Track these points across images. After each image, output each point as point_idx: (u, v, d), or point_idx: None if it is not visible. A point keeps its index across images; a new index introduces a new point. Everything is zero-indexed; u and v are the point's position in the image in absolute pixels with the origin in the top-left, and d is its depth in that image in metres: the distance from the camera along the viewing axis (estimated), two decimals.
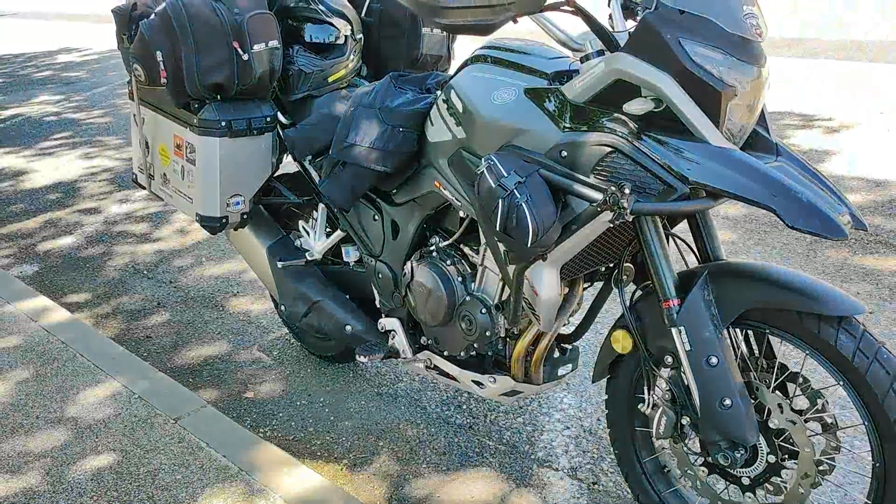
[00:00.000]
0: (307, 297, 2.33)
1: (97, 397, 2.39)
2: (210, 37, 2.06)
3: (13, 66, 10.39)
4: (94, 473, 2.04)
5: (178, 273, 3.55)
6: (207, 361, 2.78)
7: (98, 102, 7.56)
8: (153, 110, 2.33)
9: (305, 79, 2.25)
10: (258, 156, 2.27)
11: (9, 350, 2.71)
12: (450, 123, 1.81)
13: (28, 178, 5.28)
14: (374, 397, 2.51)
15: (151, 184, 2.47)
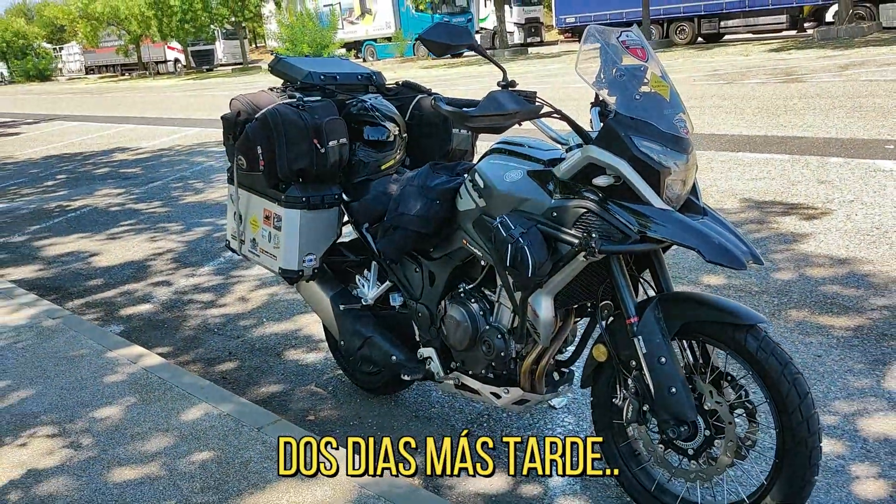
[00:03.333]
0: (362, 334, 2.98)
1: (194, 415, 3.02)
2: (297, 135, 2.80)
3: (74, 164, 11.43)
4: (200, 464, 2.66)
5: (244, 330, 4.22)
6: (274, 395, 3.40)
7: (155, 195, 8.43)
8: (248, 191, 3.06)
9: (364, 167, 2.98)
10: (328, 224, 2.97)
11: (117, 384, 3.36)
12: (474, 196, 2.50)
13: (102, 257, 6.05)
14: (412, 418, 3.11)
15: (241, 247, 3.17)
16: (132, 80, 41.76)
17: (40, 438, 2.93)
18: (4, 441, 2.93)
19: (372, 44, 33.51)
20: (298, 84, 3.05)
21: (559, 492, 2.55)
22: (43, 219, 7.77)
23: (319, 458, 2.58)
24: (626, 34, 2.27)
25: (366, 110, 3.00)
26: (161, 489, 2.53)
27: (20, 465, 2.75)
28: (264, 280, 5.04)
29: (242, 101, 3.00)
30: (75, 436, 2.93)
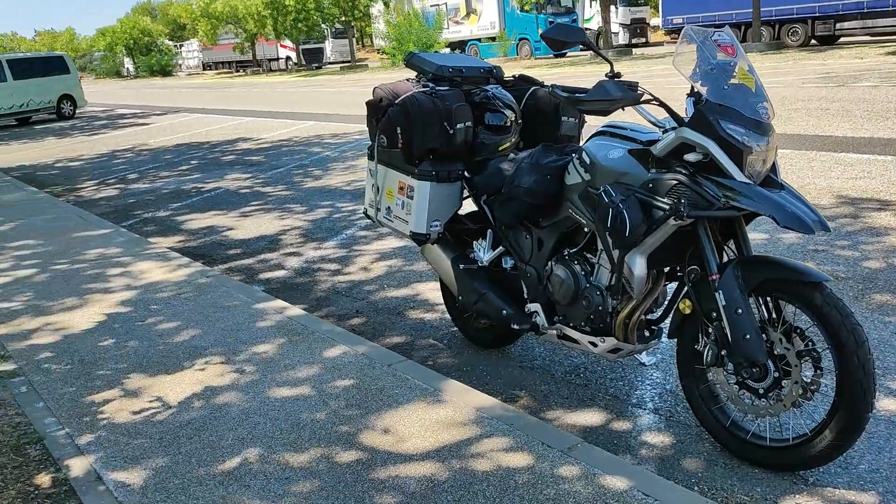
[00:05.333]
0: (477, 291, 3.46)
1: (333, 353, 3.58)
2: (430, 119, 3.31)
3: (203, 151, 12.44)
4: (343, 388, 3.21)
5: (367, 293, 4.79)
6: (398, 344, 3.93)
7: (279, 180, 9.20)
8: (386, 166, 3.59)
9: (484, 148, 3.46)
10: (452, 196, 3.48)
11: (267, 328, 3.97)
12: (580, 171, 2.94)
13: (237, 231, 6.79)
14: (516, 367, 3.58)
15: (377, 214, 3.72)
16: (247, 77, 43.88)
17: (212, 365, 3.56)
18: (185, 366, 3.57)
19: (476, 43, 34.08)
20: (430, 75, 3.56)
21: (646, 428, 2.96)
22: (182, 198, 8.65)
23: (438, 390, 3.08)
24: (718, 34, 2.67)
25: (488, 99, 3.48)
26: (313, 404, 3.10)
27: (199, 382, 3.38)
28: (383, 253, 5.61)
29: (384, 89, 3.54)
30: (239, 364, 3.55)
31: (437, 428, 2.84)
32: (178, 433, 2.94)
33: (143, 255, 5.68)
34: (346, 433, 2.85)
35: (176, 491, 2.55)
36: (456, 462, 2.60)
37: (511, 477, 2.49)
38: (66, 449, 2.88)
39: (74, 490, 2.61)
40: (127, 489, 2.58)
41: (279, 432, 2.89)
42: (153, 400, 3.24)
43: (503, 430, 2.79)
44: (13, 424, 3.13)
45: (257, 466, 2.67)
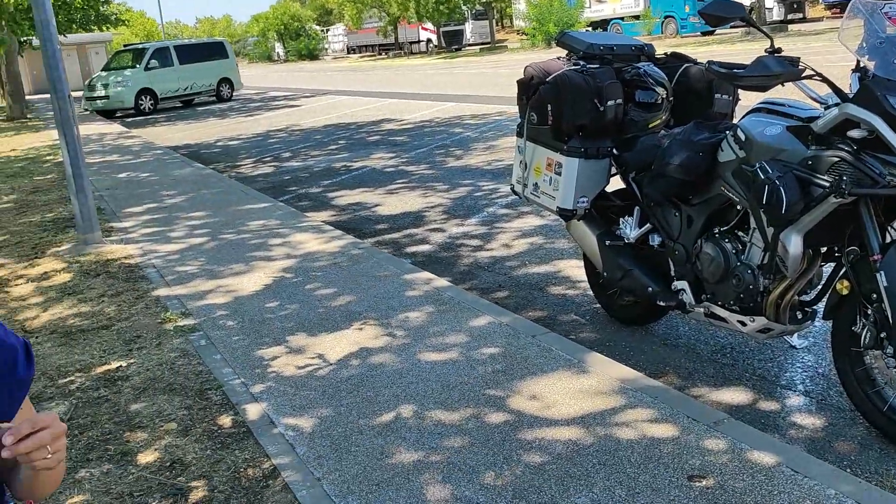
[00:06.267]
0: (623, 267, 3.50)
1: (479, 323, 3.74)
2: (581, 96, 3.37)
3: (350, 132, 12.98)
4: (490, 355, 3.36)
5: (510, 269, 4.92)
6: (540, 318, 4.04)
7: (422, 160, 9.48)
8: (534, 142, 3.69)
9: (634, 125, 3.48)
10: (600, 173, 3.53)
11: (416, 297, 4.18)
12: (735, 148, 2.92)
13: (384, 207, 7.09)
14: (660, 345, 3.60)
15: (524, 190, 3.82)
16: (389, 60, 44.97)
17: (367, 328, 3.80)
18: (342, 328, 3.84)
19: (619, 22, 33.27)
20: (581, 54, 3.62)
21: (795, 409, 2.92)
22: (332, 175, 9.10)
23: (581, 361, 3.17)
24: (889, 6, 2.57)
25: (639, 76, 3.50)
26: (461, 368, 3.26)
27: (356, 343, 3.63)
28: (524, 231, 5.72)
29: (535, 67, 3.63)
30: (391, 329, 3.77)
31: (582, 396, 2.93)
32: (339, 387, 3.19)
33: (299, 228, 6.08)
34: (494, 396, 2.99)
35: (339, 439, 2.79)
36: (600, 429, 2.68)
37: (656, 446, 2.55)
38: (242, 396, 3.20)
39: (251, 431, 2.90)
40: (297, 434, 2.84)
41: (430, 392, 3.08)
42: (315, 357, 3.51)
43: (647, 402, 2.85)
44: (196, 372, 3.49)
45: (411, 421, 2.86)
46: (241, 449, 2.80)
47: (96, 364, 3.70)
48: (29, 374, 1.23)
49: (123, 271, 5.28)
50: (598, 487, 2.35)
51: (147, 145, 13.19)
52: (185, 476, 2.66)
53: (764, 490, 2.27)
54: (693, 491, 2.30)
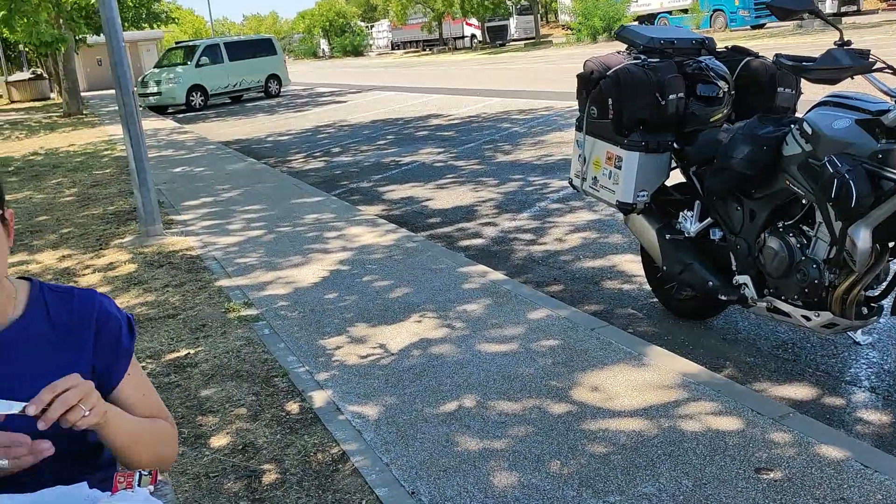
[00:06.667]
0: (683, 261, 3.50)
1: (537, 316, 3.77)
2: (642, 90, 3.38)
3: (397, 127, 13.08)
4: (549, 348, 3.39)
5: (564, 263, 4.94)
6: (597, 312, 4.05)
7: (471, 155, 9.52)
8: (594, 136, 3.70)
9: (695, 119, 3.48)
10: (660, 167, 3.53)
11: (473, 289, 4.23)
12: (801, 142, 2.90)
13: (435, 202, 7.15)
14: (719, 339, 3.59)
15: (583, 184, 3.84)
16: (433, 56, 45.10)
17: (426, 319, 3.87)
18: (401, 319, 3.91)
19: (666, 16, 32.86)
20: (641, 48, 3.62)
21: (861, 405, 2.90)
22: (382, 170, 9.20)
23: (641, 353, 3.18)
24: None
25: (701, 70, 3.49)
26: (521, 359, 3.31)
27: (415, 334, 3.70)
28: (577, 226, 5.73)
29: (595, 61, 3.65)
30: (450, 320, 3.83)
31: (644, 389, 2.95)
32: (402, 376, 3.26)
33: (353, 221, 6.17)
34: (555, 387, 3.03)
35: (405, 426, 2.85)
36: (664, 421, 2.70)
37: (721, 439, 2.56)
38: (307, 383, 3.29)
39: (319, 417, 2.98)
40: (363, 420, 2.92)
41: (492, 382, 3.13)
42: (376, 347, 3.59)
43: (710, 395, 2.85)
44: (261, 360, 3.60)
45: (475, 410, 2.91)
46: (309, 434, 2.88)
47: (165, 351, 3.83)
48: (131, 345, 1.32)
49: (185, 262, 5.43)
50: (665, 478, 2.38)
51: (200, 140, 13.47)
52: (256, 459, 2.75)
53: (833, 483, 2.27)
54: (761, 483, 2.31)
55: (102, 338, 1.27)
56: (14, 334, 1.24)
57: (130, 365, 1.30)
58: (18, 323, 1.24)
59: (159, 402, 1.36)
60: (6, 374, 1.22)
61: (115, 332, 1.28)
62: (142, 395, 1.29)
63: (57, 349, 1.26)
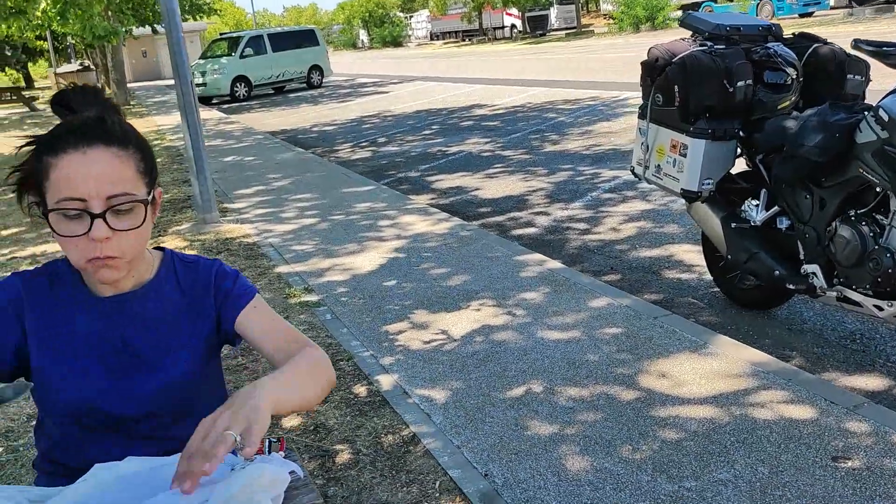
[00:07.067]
0: (749, 250, 3.47)
1: (598, 304, 3.77)
2: (709, 77, 3.35)
3: (441, 117, 13.10)
4: (613, 335, 3.39)
5: (620, 252, 4.92)
6: (657, 301, 4.03)
7: (518, 144, 9.51)
8: (658, 124, 3.68)
9: (762, 106, 3.44)
10: (726, 155, 3.50)
11: (530, 278, 4.24)
12: (876, 129, 2.86)
13: (484, 191, 7.17)
14: (784, 329, 3.56)
15: (645, 172, 3.83)
16: (473, 46, 44.98)
17: (485, 307, 3.89)
18: (461, 306, 3.95)
19: (711, 4, 32.31)
20: (707, 34, 3.59)
21: None
22: (429, 160, 9.23)
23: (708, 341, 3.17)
24: None
25: (769, 56, 3.45)
26: (585, 346, 3.32)
27: (476, 321, 3.72)
28: (631, 215, 5.70)
29: (660, 49, 3.62)
30: (510, 307, 3.85)
31: (712, 377, 2.94)
32: (466, 362, 3.29)
33: (405, 210, 6.22)
34: (622, 374, 3.03)
35: (473, 410, 2.88)
36: (735, 409, 2.69)
37: (794, 427, 2.54)
38: (373, 367, 3.34)
39: (387, 400, 3.03)
40: (431, 404, 2.96)
41: (557, 368, 3.14)
42: (439, 333, 3.63)
43: (781, 384, 2.83)
44: (325, 344, 3.65)
45: (542, 396, 2.93)
46: (378, 416, 2.93)
47: None
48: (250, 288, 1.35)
49: (244, 249, 5.53)
50: (740, 465, 2.37)
51: (247, 130, 13.65)
52: (329, 440, 2.81)
53: None
54: (839, 471, 2.29)
55: (220, 292, 1.32)
56: (150, 292, 1.30)
57: (254, 300, 1.33)
58: (152, 283, 1.31)
59: (292, 330, 1.32)
60: (140, 329, 1.28)
61: (231, 280, 1.34)
62: (270, 322, 1.30)
63: (184, 314, 1.31)
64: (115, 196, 1.17)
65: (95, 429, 1.26)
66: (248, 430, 0.98)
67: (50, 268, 1.32)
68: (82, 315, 1.27)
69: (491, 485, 2.41)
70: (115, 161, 1.18)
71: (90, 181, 1.15)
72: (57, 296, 1.28)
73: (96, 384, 1.25)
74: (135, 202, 1.19)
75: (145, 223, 1.21)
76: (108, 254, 1.17)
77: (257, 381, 1.09)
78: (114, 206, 1.17)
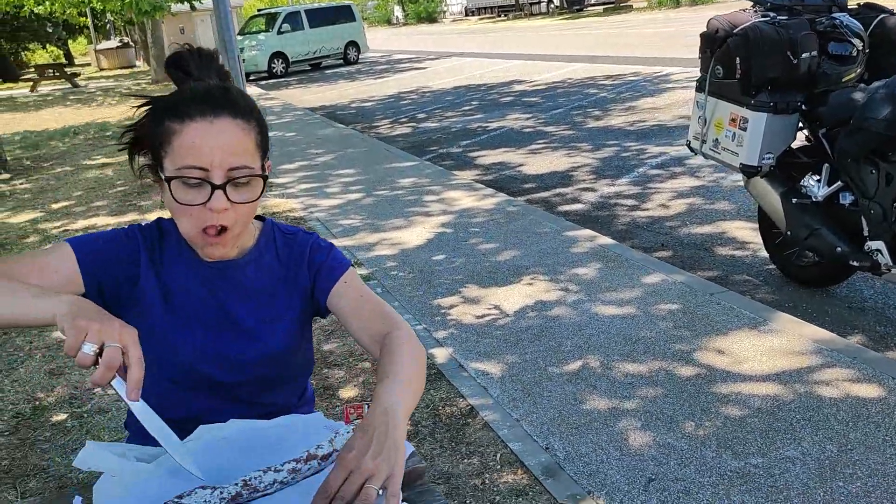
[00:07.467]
0: (810, 226, 3.40)
1: (652, 280, 3.73)
2: (773, 48, 3.27)
3: (481, 93, 13.01)
4: (668, 311, 3.36)
5: (670, 229, 4.86)
6: (710, 278, 3.98)
7: (560, 120, 9.41)
8: (717, 97, 3.61)
9: (826, 79, 3.35)
10: (787, 128, 3.42)
11: (581, 253, 4.21)
12: None
13: (528, 167, 7.11)
14: (844, 307, 3.49)
15: (702, 146, 3.76)
16: (509, 21, 44.50)
17: (537, 282, 3.88)
18: (512, 281, 3.93)
19: None
20: (768, 5, 3.49)
21: None
22: (470, 136, 9.18)
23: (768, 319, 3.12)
24: None
25: (834, 27, 3.35)
26: (641, 322, 3.29)
27: (528, 296, 3.71)
28: (680, 192, 5.62)
29: (720, 20, 3.54)
30: (562, 283, 3.83)
31: (774, 354, 2.89)
32: (520, 336, 3.28)
33: (450, 185, 6.20)
34: (680, 351, 3.00)
35: (530, 384, 2.88)
36: (799, 386, 2.65)
37: (862, 405, 2.50)
38: (426, 340, 3.35)
39: (443, 373, 3.04)
40: (487, 377, 2.96)
41: (613, 344, 3.12)
42: (491, 307, 3.62)
43: (846, 362, 2.78)
44: None
45: (599, 371, 2.92)
46: (435, 389, 2.94)
47: None
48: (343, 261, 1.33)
49: (290, 223, 5.56)
50: (807, 442, 2.34)
51: (287, 106, 13.70)
52: None
53: None
54: None
55: (313, 265, 1.32)
56: (251, 262, 1.31)
57: (346, 275, 1.32)
58: (253, 253, 1.31)
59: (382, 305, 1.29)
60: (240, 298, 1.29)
61: (324, 254, 1.33)
62: (360, 297, 1.29)
63: (281, 286, 1.32)
64: (236, 168, 1.16)
65: (190, 389, 1.28)
66: (391, 477, 0.93)
67: (158, 224, 1.32)
68: (189, 277, 1.28)
69: (552, 458, 2.41)
70: (240, 133, 1.17)
71: (216, 151, 1.14)
72: (166, 252, 1.29)
73: (199, 346, 1.26)
74: (253, 176, 1.18)
75: (259, 197, 1.21)
76: (222, 223, 1.17)
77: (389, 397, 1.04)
78: (234, 178, 1.16)
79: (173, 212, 1.20)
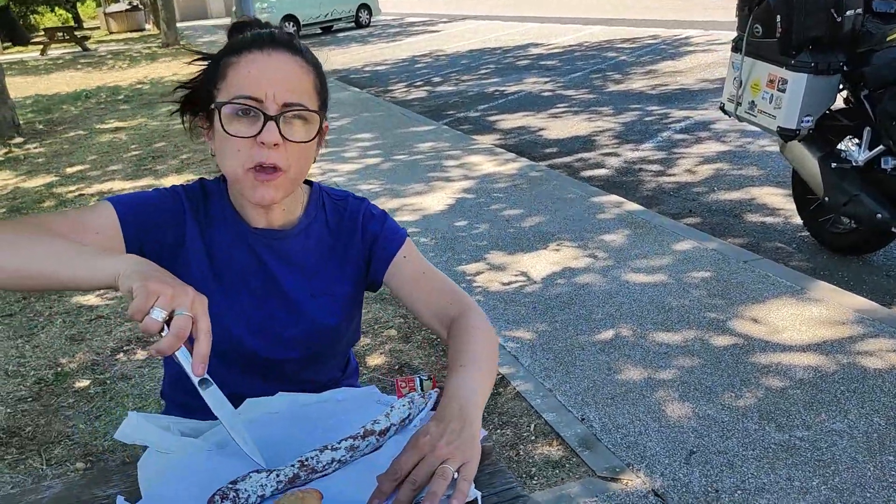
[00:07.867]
0: (848, 192, 3.29)
1: (683, 247, 3.64)
2: (816, 6, 3.13)
3: (497, 57, 12.79)
4: (702, 279, 3.27)
5: (697, 195, 4.74)
6: (742, 245, 3.88)
7: (580, 84, 9.23)
8: (754, 57, 3.48)
9: (869, 38, 3.21)
10: (828, 90, 3.29)
11: (609, 220, 4.11)
12: None
13: (549, 132, 6.98)
14: (882, 276, 3.39)
15: (737, 109, 3.64)
16: None
17: (564, 248, 3.79)
18: (538, 247, 3.85)
19: None
20: None
21: None
22: (487, 100, 9.03)
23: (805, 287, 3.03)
24: None
25: None
26: (674, 290, 3.20)
27: (556, 263, 3.63)
28: (706, 157, 5.49)
29: None
30: (590, 250, 3.74)
31: (813, 324, 2.81)
32: (549, 304, 3.21)
33: (470, 150, 6.09)
34: (715, 319, 2.92)
35: (562, 352, 2.81)
36: (842, 357, 2.57)
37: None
38: None
39: None
40: (518, 346, 2.89)
41: (646, 313, 3.04)
42: (518, 274, 3.54)
43: (889, 332, 2.70)
44: None
45: (632, 340, 2.84)
46: None
47: None
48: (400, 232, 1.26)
49: None
50: (853, 415, 2.27)
51: None
52: None
53: None
54: None
55: (367, 235, 1.24)
56: (300, 232, 1.23)
57: (404, 247, 1.24)
58: (302, 221, 1.23)
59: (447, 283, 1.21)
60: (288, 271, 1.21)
61: (379, 224, 1.25)
62: (423, 275, 1.21)
63: (331, 258, 1.24)
64: (291, 105, 1.08)
65: (234, 362, 1.21)
66: (465, 466, 0.87)
67: (202, 184, 1.24)
68: (235, 242, 1.20)
69: (589, 429, 2.35)
70: (298, 69, 1.10)
71: (272, 82, 1.07)
72: (211, 214, 1.21)
73: (245, 315, 1.19)
74: (310, 112, 1.10)
75: (314, 142, 1.13)
76: (273, 161, 1.07)
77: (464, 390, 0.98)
78: (289, 114, 1.08)
79: (221, 151, 1.11)
